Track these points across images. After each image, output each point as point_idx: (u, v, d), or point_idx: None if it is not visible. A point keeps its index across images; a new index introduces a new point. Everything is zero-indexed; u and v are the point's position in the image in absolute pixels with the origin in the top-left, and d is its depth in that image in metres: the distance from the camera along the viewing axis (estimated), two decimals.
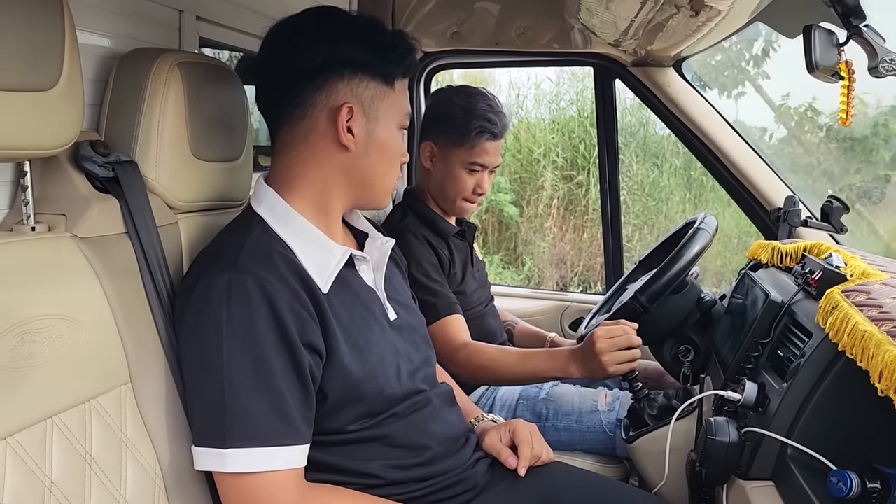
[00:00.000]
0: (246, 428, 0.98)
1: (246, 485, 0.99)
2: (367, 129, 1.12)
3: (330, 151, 1.11)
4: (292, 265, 1.05)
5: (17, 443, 0.85)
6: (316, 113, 1.10)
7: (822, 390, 1.04)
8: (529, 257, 6.03)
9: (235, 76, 1.30)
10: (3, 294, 0.87)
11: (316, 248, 1.10)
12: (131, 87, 1.13)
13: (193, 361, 1.04)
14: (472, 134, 1.76)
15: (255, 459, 0.98)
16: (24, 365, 0.87)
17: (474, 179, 1.80)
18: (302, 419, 1.02)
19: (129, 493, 0.98)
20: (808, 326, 1.14)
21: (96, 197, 1.06)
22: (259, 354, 0.99)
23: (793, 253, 1.44)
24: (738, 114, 5.38)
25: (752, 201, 2.15)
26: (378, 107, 1.13)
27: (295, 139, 1.12)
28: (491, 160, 1.80)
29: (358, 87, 1.10)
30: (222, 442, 0.98)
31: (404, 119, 1.18)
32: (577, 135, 6.10)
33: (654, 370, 1.95)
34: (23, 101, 0.89)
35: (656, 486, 1.39)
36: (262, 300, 0.99)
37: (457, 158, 1.79)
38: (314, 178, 1.13)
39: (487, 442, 1.28)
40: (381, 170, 1.16)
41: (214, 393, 0.99)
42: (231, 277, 1.00)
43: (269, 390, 0.99)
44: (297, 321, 1.01)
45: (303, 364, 1.01)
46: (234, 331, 0.99)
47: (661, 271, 1.58)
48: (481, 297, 1.95)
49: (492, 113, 1.77)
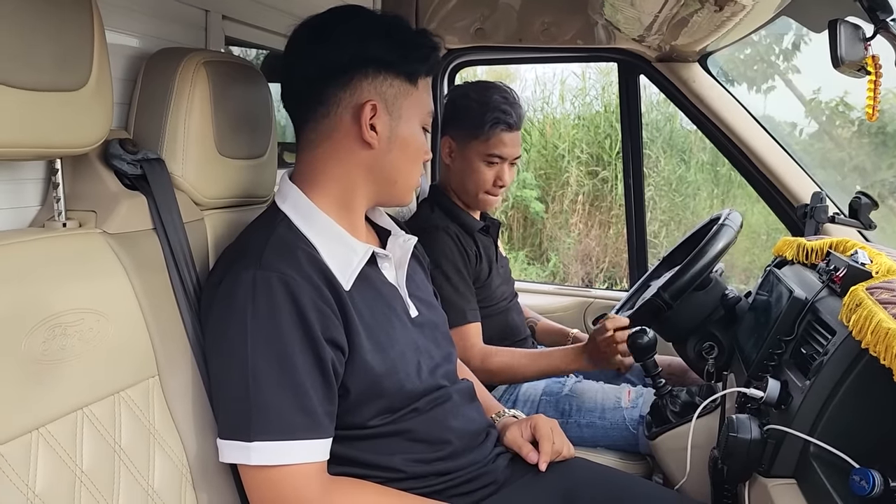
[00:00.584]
0: (270, 422, 1.00)
1: (270, 477, 1.01)
2: (391, 126, 1.13)
3: (353, 149, 1.13)
4: (315, 262, 1.07)
5: (48, 433, 0.88)
6: (340, 110, 1.11)
7: (845, 388, 1.03)
8: (555, 253, 6.01)
9: (260, 74, 1.32)
10: (35, 288, 0.89)
11: (339, 245, 1.11)
12: (159, 86, 1.15)
13: (219, 356, 1.06)
14: (486, 126, 1.77)
15: (278, 452, 1.00)
16: (55, 357, 0.89)
17: (493, 172, 1.81)
18: (324, 413, 1.03)
19: (157, 483, 1.00)
20: (831, 324, 1.13)
21: (125, 194, 1.08)
22: (283, 350, 1.01)
23: (818, 250, 1.43)
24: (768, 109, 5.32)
25: (779, 197, 2.12)
26: (401, 104, 1.14)
27: (319, 136, 1.13)
28: (509, 151, 1.81)
29: (382, 84, 1.12)
30: (247, 435, 1.00)
31: (427, 117, 1.19)
32: (602, 130, 6.06)
33: (678, 366, 1.94)
34: (54, 100, 0.91)
35: (678, 482, 1.39)
36: (285, 296, 1.01)
37: (474, 152, 1.80)
38: (337, 175, 1.14)
39: (508, 437, 1.29)
40: (404, 167, 1.18)
41: (239, 387, 1.01)
42: (256, 274, 1.02)
43: (292, 385, 1.01)
44: (319, 317, 1.03)
45: (325, 359, 1.03)
46: (259, 326, 1.01)
47: (684, 268, 1.58)
48: (505, 293, 1.96)
49: (506, 104, 1.79)
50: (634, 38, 2.06)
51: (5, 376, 0.83)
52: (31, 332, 0.87)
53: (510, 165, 1.83)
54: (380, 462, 1.12)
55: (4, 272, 0.86)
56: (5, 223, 1.02)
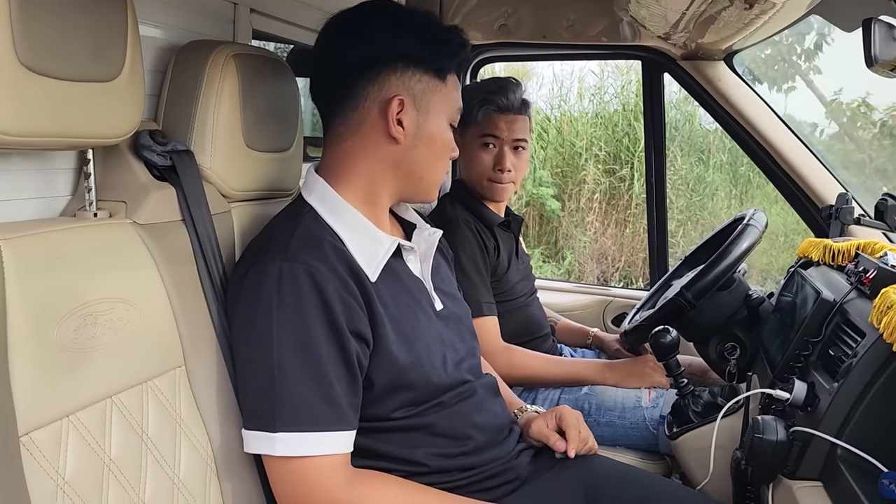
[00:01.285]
0: (295, 413, 1.00)
1: (294, 468, 1.01)
2: (418, 122, 1.13)
3: (380, 143, 1.13)
4: (341, 254, 1.07)
5: (78, 421, 0.89)
6: (368, 105, 1.12)
7: (874, 391, 1.02)
8: (570, 251, 5.99)
9: (288, 68, 1.32)
10: (67, 277, 0.90)
11: (365, 237, 1.12)
12: (188, 78, 1.16)
13: (244, 347, 1.07)
14: (475, 109, 1.81)
15: (303, 444, 1.00)
16: (86, 346, 0.90)
17: (491, 156, 1.83)
18: (349, 405, 1.04)
19: (182, 472, 1.01)
20: (860, 326, 1.12)
21: (154, 185, 1.09)
22: (308, 341, 1.01)
23: (845, 251, 1.41)
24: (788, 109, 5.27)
25: (803, 198, 2.10)
26: (429, 100, 1.14)
27: (347, 130, 1.14)
28: (504, 133, 1.82)
29: (410, 80, 1.12)
30: (272, 426, 1.00)
31: (456, 114, 1.20)
32: (620, 128, 6.04)
33: (698, 366, 1.93)
34: (87, 91, 0.92)
35: (699, 483, 1.38)
36: (311, 288, 1.01)
37: (469, 138, 1.85)
38: (364, 169, 1.15)
39: (534, 429, 1.29)
40: (430, 163, 1.18)
41: (264, 378, 1.02)
42: (282, 266, 1.02)
43: (317, 377, 1.01)
44: (345, 309, 1.03)
45: (350, 351, 1.03)
46: (285, 318, 1.01)
47: (708, 267, 1.56)
48: (524, 289, 1.96)
49: (495, 87, 1.83)
50: (660, 36, 2.05)
51: (37, 364, 0.84)
52: (63, 320, 0.88)
53: (513, 150, 1.83)
54: (403, 455, 1.12)
55: (37, 261, 0.87)
56: (37, 212, 1.03)
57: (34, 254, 0.87)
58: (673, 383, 1.57)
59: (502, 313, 1.81)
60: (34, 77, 0.84)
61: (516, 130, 1.83)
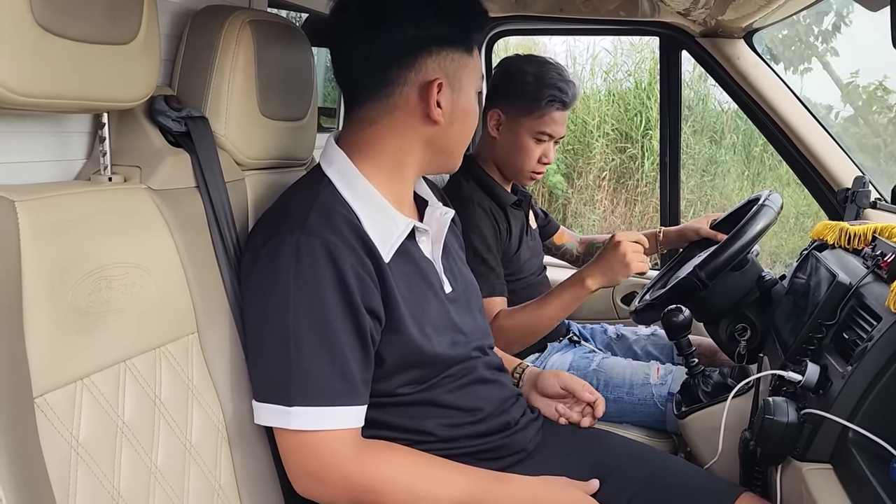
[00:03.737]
0: (310, 387, 1.01)
1: (307, 441, 1.01)
2: (453, 100, 1.12)
3: (416, 126, 1.12)
4: (357, 230, 1.06)
5: (92, 384, 0.89)
6: (406, 90, 1.10)
7: (889, 375, 1.01)
8: (579, 230, 5.97)
9: (304, 36, 1.30)
10: (82, 240, 0.90)
11: (381, 216, 1.11)
12: (204, 43, 1.15)
13: (259, 318, 1.07)
14: (542, 103, 1.75)
15: (317, 418, 1.01)
16: (100, 310, 0.90)
17: (541, 149, 1.79)
18: (362, 380, 1.04)
19: (194, 438, 1.02)
20: (877, 310, 1.11)
21: (169, 150, 1.08)
22: (324, 316, 1.01)
23: (861, 234, 1.40)
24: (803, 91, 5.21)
25: (819, 180, 2.08)
26: (461, 77, 1.13)
27: (379, 114, 1.12)
28: (558, 130, 1.79)
29: (445, 60, 1.10)
30: (287, 400, 1.01)
31: (480, 82, 1.19)
32: (633, 107, 5.99)
33: (707, 347, 1.93)
34: (103, 53, 0.91)
35: (707, 462, 1.39)
36: (328, 263, 1.01)
37: (525, 127, 1.78)
38: (394, 148, 1.13)
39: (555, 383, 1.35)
40: (464, 137, 1.18)
41: (280, 351, 1.02)
42: (300, 238, 1.01)
43: (332, 351, 1.01)
44: (360, 285, 1.03)
45: (364, 327, 1.03)
46: (301, 291, 1.01)
47: (722, 247, 1.55)
48: (534, 267, 1.95)
49: (562, 82, 1.76)
50: (679, 12, 2.01)
51: (52, 326, 0.84)
52: (78, 283, 0.87)
53: (554, 143, 1.82)
54: (412, 426, 1.12)
55: (52, 224, 0.87)
56: (52, 175, 1.02)
57: (49, 216, 0.87)
58: (684, 363, 1.56)
59: (511, 291, 1.81)
60: (51, 38, 0.83)
61: (564, 126, 1.82)
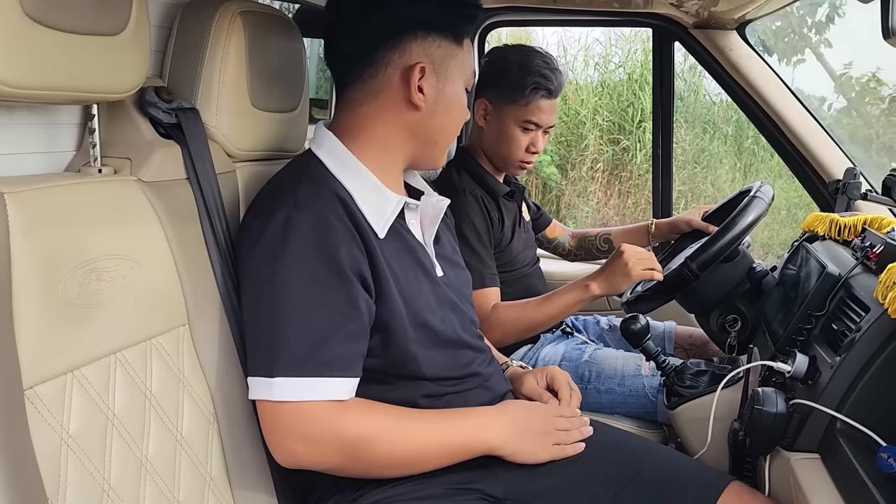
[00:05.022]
0: (294, 358, 1.00)
1: (285, 412, 1.01)
2: (437, 88, 1.13)
3: (399, 110, 1.12)
4: (348, 206, 1.07)
5: (83, 376, 0.89)
6: (389, 72, 1.10)
7: (876, 366, 1.02)
8: (573, 221, 5.98)
9: (295, 27, 1.30)
10: (72, 232, 0.90)
11: (373, 191, 1.11)
12: (194, 34, 1.14)
13: (248, 293, 1.07)
14: (526, 91, 1.74)
15: (301, 388, 1.00)
16: (90, 302, 0.90)
17: (528, 138, 1.79)
18: (351, 353, 1.04)
19: (185, 429, 1.02)
20: (865, 301, 1.11)
21: (159, 142, 1.08)
22: (311, 287, 1.01)
23: (852, 226, 1.41)
24: (796, 82, 5.22)
25: (810, 172, 2.09)
26: (448, 66, 1.13)
27: (364, 96, 1.12)
28: (545, 119, 1.78)
29: (430, 46, 1.11)
30: (270, 371, 1.01)
31: (470, 78, 1.19)
32: (625, 98, 5.98)
33: (699, 338, 1.94)
34: (92, 44, 0.91)
35: (696, 453, 1.40)
36: (319, 236, 1.01)
37: (511, 116, 1.77)
38: (379, 134, 1.14)
39: (527, 386, 1.31)
40: (449, 129, 1.18)
41: (267, 324, 1.02)
42: (290, 213, 1.02)
43: (319, 324, 1.01)
44: (351, 260, 1.03)
45: (355, 297, 1.03)
46: (289, 262, 1.01)
47: (713, 239, 1.56)
48: (527, 258, 1.95)
49: (547, 70, 1.74)
50: (672, 3, 2.01)
51: (42, 318, 0.84)
52: (68, 275, 0.87)
53: (544, 133, 1.81)
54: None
55: (42, 216, 0.86)
56: (41, 167, 1.02)
57: (39, 208, 0.86)
58: (655, 366, 1.57)
59: (504, 282, 1.81)
60: (39, 29, 0.82)
61: (553, 115, 1.81)
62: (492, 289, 1.74)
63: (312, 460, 1.04)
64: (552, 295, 1.69)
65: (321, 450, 1.03)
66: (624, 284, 1.61)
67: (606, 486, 1.16)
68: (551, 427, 1.17)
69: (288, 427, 1.02)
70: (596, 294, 1.62)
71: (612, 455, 1.21)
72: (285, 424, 1.02)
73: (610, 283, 1.62)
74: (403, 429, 1.08)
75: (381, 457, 1.06)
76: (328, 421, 1.02)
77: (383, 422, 1.07)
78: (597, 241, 2.19)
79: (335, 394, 1.02)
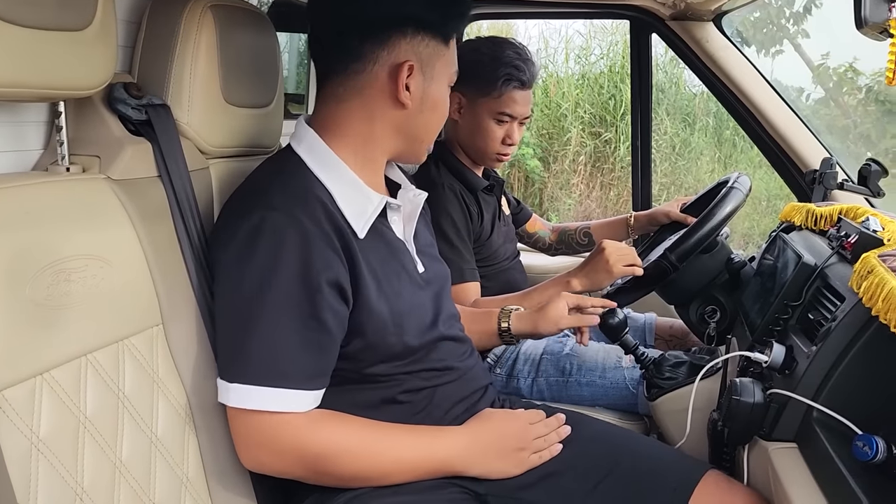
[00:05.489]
0: (251, 366, 1.00)
1: (249, 419, 1.01)
2: (423, 87, 1.12)
3: (385, 108, 1.11)
4: (327, 207, 1.05)
5: (52, 379, 0.87)
6: (376, 68, 1.09)
7: (852, 355, 1.03)
8: (555, 214, 5.99)
9: (268, 21, 1.29)
10: (39, 233, 0.88)
11: (354, 192, 1.10)
12: (164, 29, 1.13)
13: (219, 295, 1.06)
14: (499, 83, 1.72)
15: (257, 398, 1.00)
16: (59, 303, 0.88)
17: (503, 130, 1.78)
18: (313, 365, 1.03)
19: (160, 430, 1.01)
20: (841, 290, 1.12)
21: (129, 139, 1.06)
22: (277, 296, 1.00)
23: (828, 216, 1.41)
24: (775, 73, 5.26)
25: (787, 162, 2.10)
26: (435, 65, 1.12)
27: (349, 91, 1.11)
28: (520, 110, 1.77)
29: (419, 45, 1.10)
30: (231, 376, 1.01)
31: (454, 76, 1.19)
32: (606, 90, 6.00)
33: (679, 329, 1.95)
34: (57, 40, 0.89)
35: (677, 443, 1.40)
36: (291, 240, 1.00)
37: (484, 109, 1.76)
38: (362, 131, 1.12)
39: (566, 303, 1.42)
40: (433, 127, 1.18)
41: (231, 328, 1.02)
42: (264, 215, 1.00)
43: (281, 332, 1.00)
44: (325, 264, 1.01)
45: (322, 309, 1.01)
46: (257, 270, 1.00)
47: (692, 230, 1.56)
48: (507, 252, 1.95)
49: (519, 61, 1.73)
50: None
51: (10, 321, 0.82)
52: (35, 276, 0.86)
53: (520, 124, 1.80)
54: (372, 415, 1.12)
55: (8, 216, 0.85)
56: (7, 166, 1.00)
57: (5, 208, 0.85)
58: (634, 359, 1.57)
59: (484, 276, 1.80)
60: (1, 25, 0.80)
61: (528, 106, 1.79)
62: (471, 283, 1.73)
63: (276, 469, 1.05)
64: (532, 290, 1.69)
65: (284, 461, 1.03)
66: (605, 281, 1.63)
67: (587, 478, 1.16)
68: (528, 439, 1.16)
69: (251, 436, 1.02)
70: (577, 290, 1.63)
71: (592, 447, 1.22)
72: (249, 432, 1.02)
73: (591, 279, 1.63)
74: (369, 447, 1.07)
75: (346, 472, 1.06)
76: (291, 434, 1.02)
77: (349, 438, 1.06)
78: (577, 234, 2.19)
79: (294, 406, 1.02)
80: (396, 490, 1.08)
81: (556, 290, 1.63)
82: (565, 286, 1.63)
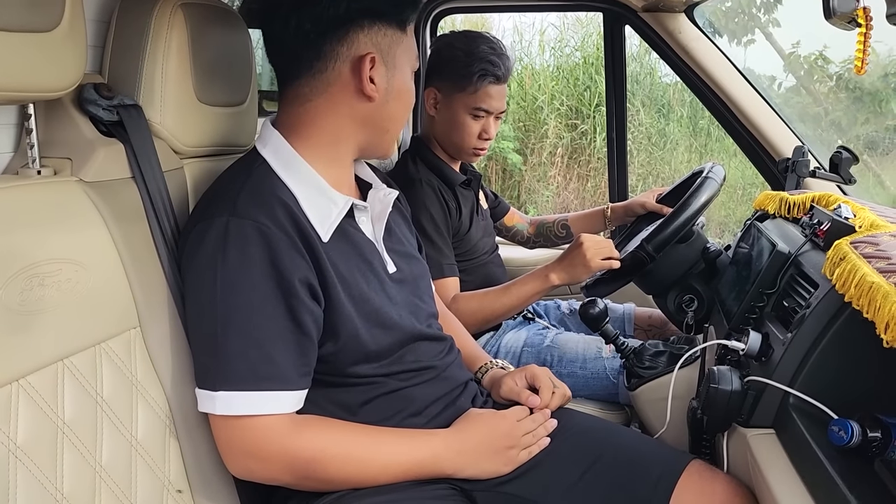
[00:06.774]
0: (234, 372, 1.00)
1: (234, 426, 1.01)
2: (387, 77, 1.11)
3: (351, 102, 1.11)
4: (291, 211, 1.05)
5: (29, 385, 0.86)
6: (338, 65, 1.08)
7: (826, 341, 1.04)
8: (533, 206, 6.01)
9: (240, 18, 1.27)
10: (11, 237, 0.87)
11: (318, 195, 1.09)
12: (134, 28, 1.11)
13: (191, 304, 1.05)
14: (474, 78, 1.73)
15: (243, 403, 1.00)
16: (33, 308, 0.87)
17: (479, 125, 1.78)
18: (294, 365, 1.03)
19: (140, 434, 1.00)
20: (814, 277, 1.14)
21: (101, 141, 1.05)
22: (251, 299, 1.00)
23: (800, 203, 1.43)
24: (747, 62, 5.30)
25: (760, 151, 2.12)
26: (395, 53, 1.12)
27: (313, 91, 1.10)
28: (496, 105, 1.77)
29: (377, 35, 1.09)
30: (213, 384, 1.00)
31: (416, 62, 1.18)
32: (581, 82, 6.01)
33: (658, 318, 1.97)
34: (24, 41, 0.87)
35: (657, 432, 1.41)
36: (258, 245, 1.00)
37: (460, 104, 1.76)
38: (329, 127, 1.12)
39: (504, 389, 1.28)
40: (398, 116, 1.17)
41: (207, 335, 1.01)
42: (229, 220, 1.00)
43: (259, 336, 1.00)
44: (293, 268, 1.01)
45: (298, 309, 1.01)
46: (228, 274, 0.99)
47: (668, 220, 1.58)
48: (486, 247, 1.95)
49: (494, 55, 1.74)
50: None
51: None
52: (8, 282, 0.85)
53: (495, 119, 1.80)
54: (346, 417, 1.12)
55: None
56: None
57: None
58: (615, 349, 1.58)
59: (464, 270, 1.81)
60: None
61: (503, 100, 1.80)
62: (451, 279, 1.74)
63: (265, 476, 1.05)
64: (512, 285, 1.71)
65: (273, 467, 1.03)
66: (584, 275, 1.66)
67: (570, 470, 1.17)
68: (516, 437, 1.16)
69: (238, 443, 1.02)
70: (556, 284, 1.66)
71: (575, 439, 1.22)
72: (235, 440, 1.02)
73: (570, 273, 1.66)
74: (357, 452, 1.07)
75: (333, 478, 1.06)
76: (278, 440, 1.01)
77: (336, 444, 1.06)
78: (554, 227, 2.21)
79: (278, 407, 1.01)
80: (380, 488, 1.08)
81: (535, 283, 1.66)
82: (544, 280, 1.66)
